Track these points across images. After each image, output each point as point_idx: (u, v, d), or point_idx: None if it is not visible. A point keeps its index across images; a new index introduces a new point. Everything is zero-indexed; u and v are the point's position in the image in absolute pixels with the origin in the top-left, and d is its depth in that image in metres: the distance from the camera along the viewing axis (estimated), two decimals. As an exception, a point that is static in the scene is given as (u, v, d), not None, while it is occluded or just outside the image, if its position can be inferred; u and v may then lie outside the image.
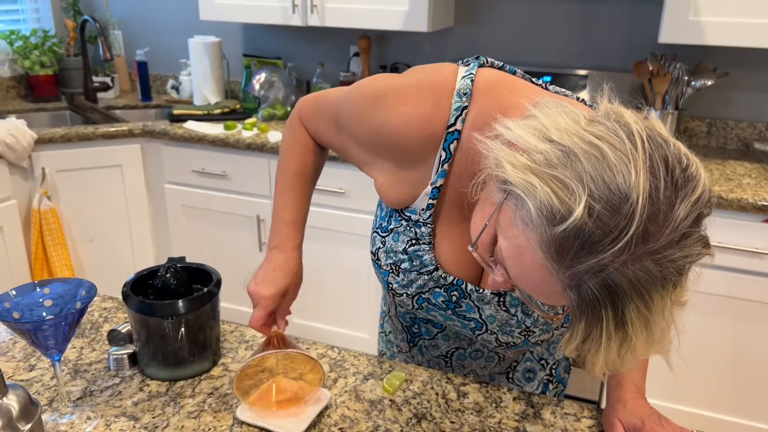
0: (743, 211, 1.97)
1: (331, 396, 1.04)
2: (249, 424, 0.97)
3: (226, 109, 2.89)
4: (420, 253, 0.97)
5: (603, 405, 2.21)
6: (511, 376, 1.20)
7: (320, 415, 0.99)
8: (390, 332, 1.30)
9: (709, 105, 2.56)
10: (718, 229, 2.02)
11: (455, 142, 0.90)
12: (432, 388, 1.08)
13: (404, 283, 1.00)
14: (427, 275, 0.98)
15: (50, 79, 3.19)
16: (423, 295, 1.00)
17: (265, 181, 2.60)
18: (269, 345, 1.01)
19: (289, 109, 2.90)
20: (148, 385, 1.06)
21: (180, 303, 1.03)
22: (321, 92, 1.12)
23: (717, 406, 2.21)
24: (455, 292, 0.98)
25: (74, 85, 3.25)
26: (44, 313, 0.92)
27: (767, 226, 1.97)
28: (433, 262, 0.97)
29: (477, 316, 1.00)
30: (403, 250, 0.99)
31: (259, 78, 2.90)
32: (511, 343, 1.02)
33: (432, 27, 2.51)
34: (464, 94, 0.89)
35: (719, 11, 2.10)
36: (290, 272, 1.07)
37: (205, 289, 1.07)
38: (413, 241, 0.98)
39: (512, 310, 0.98)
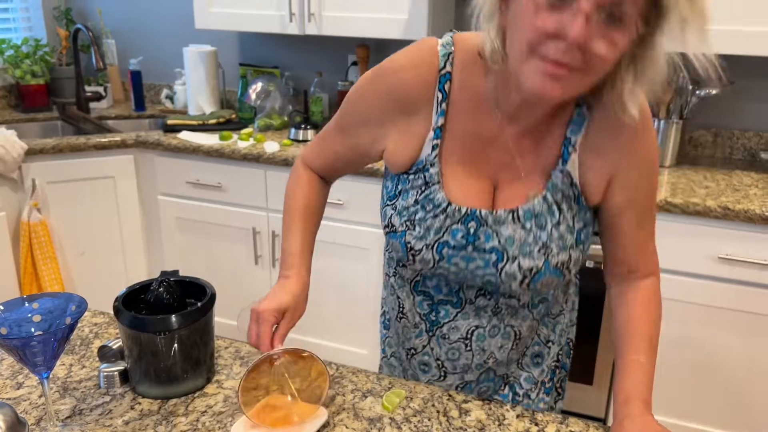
0: (750, 222, 1.97)
1: (329, 414, 1.03)
2: (244, 444, 0.96)
3: (221, 119, 2.89)
4: (431, 195, 1.04)
5: (609, 422, 2.20)
6: (521, 361, 1.23)
7: (317, 433, 0.99)
8: (392, 355, 1.32)
9: (715, 114, 2.57)
10: (724, 240, 2.01)
11: (448, 83, 1.02)
12: (433, 405, 1.07)
13: (421, 234, 1.05)
14: (443, 214, 1.04)
15: (41, 88, 3.20)
16: (441, 240, 1.05)
17: (261, 192, 2.59)
18: (264, 364, 1.01)
19: (285, 118, 2.90)
20: (140, 403, 1.05)
21: (173, 318, 1.02)
22: None
23: (726, 423, 2.20)
24: (472, 223, 1.04)
25: (66, 95, 3.26)
26: (33, 329, 0.91)
27: (776, 237, 1.97)
28: (445, 199, 1.04)
29: (496, 243, 1.03)
30: (414, 201, 1.06)
31: (256, 87, 2.91)
32: (534, 269, 1.03)
33: (431, 35, 2.51)
34: (447, 44, 1.03)
35: (723, 19, 2.11)
36: (292, 292, 1.09)
37: (199, 304, 1.06)
38: (423, 188, 1.05)
39: (527, 225, 1.02)
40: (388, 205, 1.10)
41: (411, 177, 1.06)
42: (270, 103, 2.90)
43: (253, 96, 2.90)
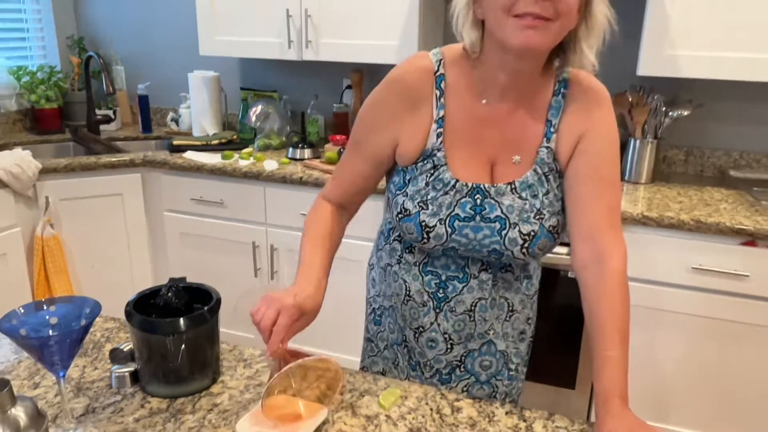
0: (721, 234, 1.99)
1: (328, 412, 1.03)
2: (248, 439, 0.96)
3: (223, 140, 2.90)
4: (440, 176, 1.14)
5: (592, 418, 2.20)
6: (515, 338, 1.32)
7: (317, 430, 0.98)
8: (385, 348, 1.37)
9: (687, 134, 2.60)
10: (698, 252, 2.03)
11: (443, 81, 1.14)
12: (426, 403, 1.07)
13: (434, 210, 1.15)
14: (452, 191, 1.14)
15: (55, 112, 3.20)
16: (453, 213, 1.14)
17: (260, 208, 2.60)
18: (280, 363, 1.01)
19: (284, 139, 2.92)
20: (150, 402, 1.05)
21: (181, 321, 1.02)
22: None
23: (700, 425, 2.20)
24: (478, 195, 1.14)
25: (78, 118, 3.26)
26: (50, 331, 0.92)
27: (745, 249, 1.99)
28: (453, 177, 1.14)
29: (499, 212, 1.14)
30: (425, 184, 1.15)
31: (256, 110, 2.92)
32: (532, 233, 1.14)
33: (422, 61, 2.54)
34: (437, 53, 1.17)
35: (693, 46, 2.15)
36: (314, 299, 1.10)
37: (206, 308, 1.07)
38: (432, 171, 1.15)
39: (523, 195, 1.14)
40: (398, 194, 1.19)
41: (419, 165, 1.16)
42: (269, 125, 2.91)
43: (254, 118, 2.92)
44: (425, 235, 1.16)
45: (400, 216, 1.18)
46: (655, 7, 2.16)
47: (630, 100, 2.41)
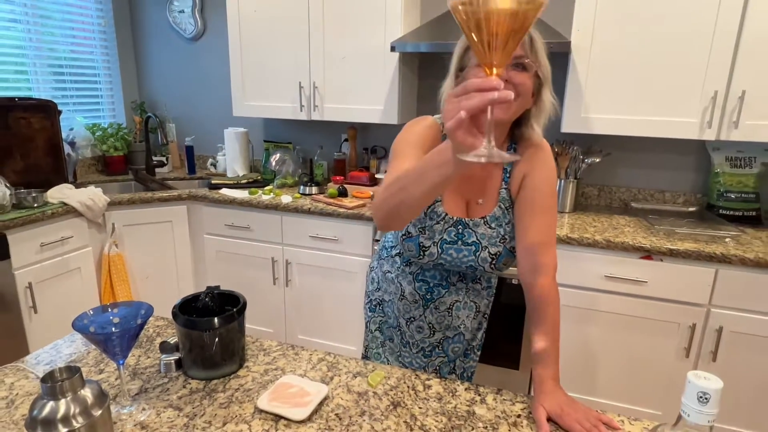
0: (626, 251, 2.00)
1: (329, 390, 1.02)
2: (266, 412, 0.94)
3: (250, 180, 2.89)
4: (436, 210, 1.16)
5: (532, 392, 2.18)
6: (474, 329, 1.32)
7: (320, 404, 0.97)
8: (376, 329, 1.37)
9: (599, 175, 2.63)
10: (608, 264, 2.04)
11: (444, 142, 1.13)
12: (405, 382, 1.06)
13: (430, 235, 1.17)
14: (442, 221, 1.16)
15: (121, 158, 3.18)
16: (442, 238, 1.17)
17: (278, 232, 2.58)
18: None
19: (296, 179, 2.91)
20: (190, 384, 1.03)
21: (216, 320, 1.01)
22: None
23: (616, 396, 2.20)
24: (460, 226, 1.17)
25: (138, 163, 3.24)
26: (113, 328, 0.90)
27: (643, 261, 2.00)
28: (444, 211, 1.16)
29: (475, 238, 1.17)
30: (424, 215, 1.17)
31: (275, 157, 2.92)
32: (498, 253, 1.16)
33: (400, 120, 2.57)
34: (438, 118, 1.17)
35: (602, 110, 2.19)
36: None
37: (234, 309, 1.05)
38: (430, 205, 1.15)
39: (492, 225, 1.16)
40: None
41: None
42: (285, 168, 2.91)
43: (273, 163, 2.92)
44: (422, 253, 1.18)
45: (403, 237, 1.19)
46: (572, 81, 2.19)
47: (556, 150, 2.44)
